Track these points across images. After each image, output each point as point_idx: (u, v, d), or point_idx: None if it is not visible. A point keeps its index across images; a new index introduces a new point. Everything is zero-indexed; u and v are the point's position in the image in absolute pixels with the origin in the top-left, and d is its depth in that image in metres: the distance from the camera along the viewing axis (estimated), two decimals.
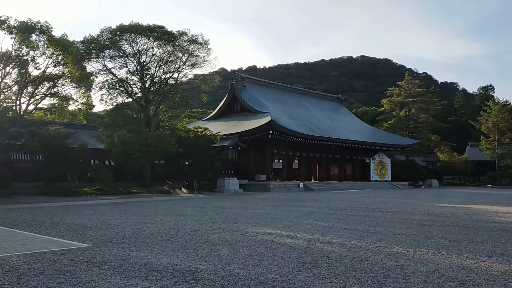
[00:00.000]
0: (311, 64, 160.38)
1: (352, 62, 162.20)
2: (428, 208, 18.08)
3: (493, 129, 61.28)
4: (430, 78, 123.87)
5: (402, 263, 6.73)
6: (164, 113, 35.23)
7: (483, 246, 8.39)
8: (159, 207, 18.10)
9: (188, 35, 32.76)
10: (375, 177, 48.29)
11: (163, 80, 34.13)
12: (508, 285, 5.41)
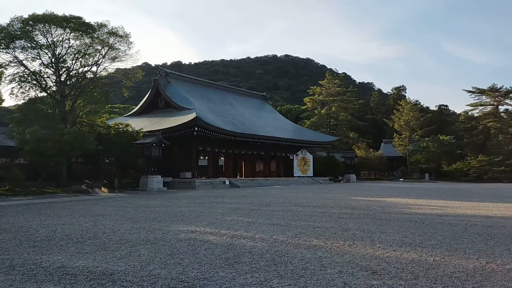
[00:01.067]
0: (237, 62, 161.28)
1: (277, 60, 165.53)
2: (346, 202, 18.99)
3: (404, 127, 65.93)
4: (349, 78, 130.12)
5: (320, 255, 6.99)
6: (82, 108, 33.41)
7: (394, 237, 8.97)
8: (76, 207, 17.19)
9: (108, 27, 31.36)
10: (298, 173, 49.76)
11: (80, 73, 32.34)
12: (415, 272, 5.83)
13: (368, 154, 63.95)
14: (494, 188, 35.58)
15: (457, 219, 12.37)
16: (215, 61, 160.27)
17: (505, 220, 12.15)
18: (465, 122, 69.33)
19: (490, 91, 65.82)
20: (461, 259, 6.68)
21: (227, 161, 46.02)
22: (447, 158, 62.53)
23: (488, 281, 5.34)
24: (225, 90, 54.24)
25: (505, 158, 58.27)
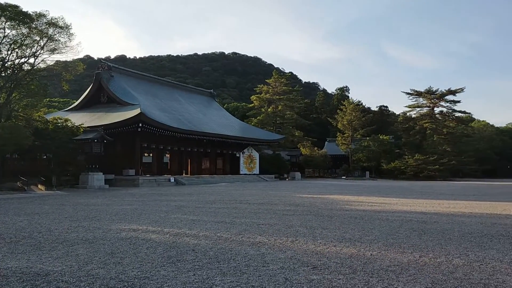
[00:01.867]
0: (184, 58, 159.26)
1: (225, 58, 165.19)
2: (290, 199, 19.31)
3: (347, 126, 68.09)
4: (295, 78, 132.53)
5: (264, 252, 7.06)
6: (18, 101, 31.52)
7: (334, 232, 9.24)
8: (10, 205, 16.23)
9: (47, 18, 29.78)
10: (244, 171, 49.98)
11: (16, 65, 30.53)
12: (353, 266, 6.03)
13: (313, 152, 65.41)
14: (429, 186, 37.58)
15: (394, 215, 12.95)
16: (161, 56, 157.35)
17: (438, 216, 12.87)
18: (404, 123, 72.60)
19: (427, 93, 69.36)
20: (396, 253, 7.00)
21: (172, 158, 45.31)
22: (387, 157, 65.21)
23: (420, 274, 5.63)
24: (171, 86, 53.32)
25: (439, 157, 61.68)
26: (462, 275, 5.56)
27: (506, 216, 12.87)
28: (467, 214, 13.31)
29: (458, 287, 5.02)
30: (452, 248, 7.53)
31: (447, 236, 8.89)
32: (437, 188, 32.69)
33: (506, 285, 5.12)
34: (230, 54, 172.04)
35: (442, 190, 29.44)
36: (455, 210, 14.59)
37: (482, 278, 5.43)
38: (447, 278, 5.42)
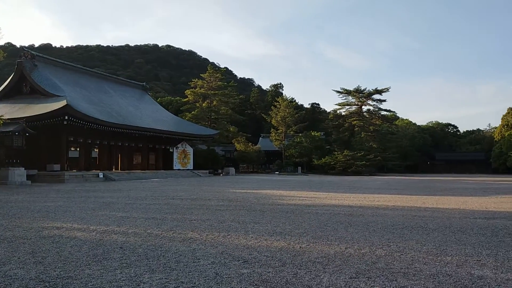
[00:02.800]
0: (115, 49, 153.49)
1: (158, 50, 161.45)
2: (224, 194, 19.33)
3: (281, 123, 69.39)
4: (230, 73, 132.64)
5: (195, 247, 6.99)
6: None
7: (266, 226, 9.37)
8: None
9: None
10: (178, 166, 49.27)
11: None
12: (283, 259, 6.15)
13: (247, 148, 65.99)
14: (357, 181, 39.33)
15: (324, 209, 13.39)
16: (90, 46, 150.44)
17: (363, 209, 13.49)
18: (334, 120, 75.33)
19: (355, 92, 72.48)
20: (324, 246, 7.24)
21: (101, 153, 43.56)
22: (318, 153, 67.34)
23: (345, 265, 5.86)
24: (101, 78, 51.15)
25: (366, 153, 64.77)
26: (384, 265, 5.86)
27: (425, 208, 13.78)
28: (390, 207, 14.08)
29: (380, 276, 5.29)
30: (375, 239, 7.92)
31: (371, 228, 9.34)
32: (364, 183, 34.27)
33: (423, 273, 5.47)
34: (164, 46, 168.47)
35: (368, 185, 30.91)
36: (380, 204, 15.37)
37: (402, 267, 5.76)
38: (370, 268, 5.70)
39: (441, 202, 16.07)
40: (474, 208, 14.04)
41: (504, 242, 7.71)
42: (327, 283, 4.96)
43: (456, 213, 12.53)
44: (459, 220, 10.76)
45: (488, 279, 5.20)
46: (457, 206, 14.71)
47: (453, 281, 5.08)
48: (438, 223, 10.16)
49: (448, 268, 5.75)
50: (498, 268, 5.77)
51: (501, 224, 10.07)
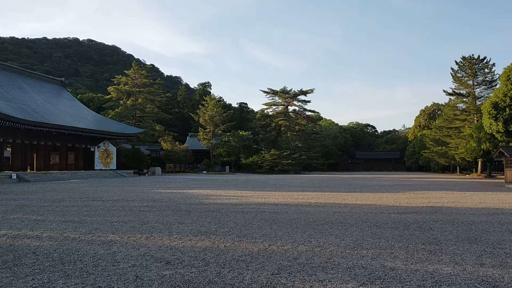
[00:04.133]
0: (31, 41, 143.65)
1: (79, 44, 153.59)
2: (148, 195, 18.83)
3: (209, 122, 69.05)
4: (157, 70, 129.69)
5: (115, 250, 6.73)
6: None
7: (191, 226, 9.26)
8: None
9: None
10: (99, 166, 47.22)
11: None
12: (206, 259, 6.11)
13: (174, 147, 64.86)
14: (282, 179, 40.25)
15: (249, 207, 13.53)
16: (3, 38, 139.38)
17: (287, 206, 13.82)
18: (261, 120, 76.37)
19: (282, 92, 74.06)
20: (248, 243, 7.30)
21: (15, 153, 40.50)
22: (246, 152, 67.93)
23: (268, 261, 5.96)
24: (14, 72, 47.52)
25: (292, 152, 66.46)
26: (305, 260, 6.04)
27: (345, 205, 14.43)
28: (313, 204, 14.56)
29: (301, 271, 5.44)
30: (298, 235, 8.15)
31: (295, 225, 9.59)
32: (289, 181, 35.15)
33: (341, 267, 5.71)
34: (85, 41, 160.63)
35: (293, 183, 31.75)
36: (303, 201, 15.85)
37: (322, 261, 5.98)
38: (291, 263, 5.84)
39: (360, 199, 16.93)
40: (389, 204, 14.96)
41: (414, 235, 8.28)
42: (249, 281, 5.01)
43: (373, 208, 13.26)
44: (375, 215, 11.39)
45: (399, 270, 5.55)
46: (374, 202, 15.58)
47: (367, 273, 5.36)
48: (356, 219, 10.68)
49: (363, 261, 6.06)
50: (408, 259, 6.18)
51: (412, 218, 10.81)
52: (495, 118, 30.75)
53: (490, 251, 6.76)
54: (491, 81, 54.61)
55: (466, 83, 57.01)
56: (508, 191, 22.62)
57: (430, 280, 5.09)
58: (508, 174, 28.38)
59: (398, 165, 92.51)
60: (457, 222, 10.11)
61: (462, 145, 50.48)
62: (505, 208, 13.63)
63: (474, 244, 7.34)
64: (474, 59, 55.83)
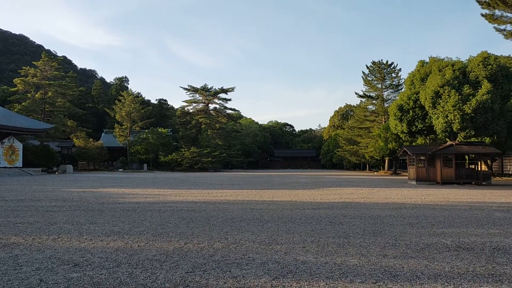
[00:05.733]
0: None
1: None
2: (57, 194, 17.73)
3: (126, 118, 66.66)
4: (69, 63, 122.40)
5: (17, 253, 6.26)
6: None
7: (103, 227, 8.89)
8: None
9: None
10: (3, 164, 43.53)
11: None
12: (118, 260, 5.91)
13: (88, 144, 61.71)
14: (202, 177, 40.05)
15: (167, 205, 13.30)
16: None
17: (206, 204, 13.79)
18: (181, 117, 75.37)
19: (202, 90, 73.71)
20: (163, 242, 7.18)
21: None
22: (165, 150, 66.57)
23: (183, 260, 5.91)
24: None
25: (212, 150, 66.41)
26: (220, 257, 6.08)
27: (262, 202, 14.73)
28: (231, 202, 14.68)
29: (216, 268, 5.47)
30: (214, 233, 8.17)
31: (212, 222, 9.61)
32: (208, 179, 35.08)
33: (255, 262, 5.83)
34: None
35: (212, 181, 31.74)
36: (222, 198, 15.91)
37: (237, 258, 6.05)
38: (207, 261, 5.85)
39: (277, 195, 17.39)
40: (304, 200, 15.54)
41: (325, 230, 8.68)
42: (162, 280, 4.93)
43: (289, 204, 13.69)
44: (291, 211, 11.77)
45: (310, 263, 5.80)
46: (290, 198, 16.09)
47: (280, 268, 5.53)
48: (272, 215, 10.95)
49: (277, 255, 6.24)
50: (319, 253, 6.48)
51: (324, 214, 11.33)
52: (400, 119, 33.16)
53: (393, 243, 7.29)
54: (397, 85, 58.90)
55: (375, 86, 60.91)
56: (411, 187, 24.56)
57: (338, 271, 5.37)
58: (410, 172, 30.78)
59: (314, 163, 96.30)
60: (364, 217, 10.77)
61: (371, 144, 53.81)
62: (407, 203, 14.78)
63: (378, 237, 7.87)
64: (383, 64, 59.82)
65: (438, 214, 11.37)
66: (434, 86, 28.59)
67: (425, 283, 4.90)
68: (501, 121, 27.70)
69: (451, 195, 18.57)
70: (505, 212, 11.95)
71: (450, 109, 27.23)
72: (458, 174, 28.39)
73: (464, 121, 27.03)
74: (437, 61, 31.38)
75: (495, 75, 27.70)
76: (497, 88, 27.32)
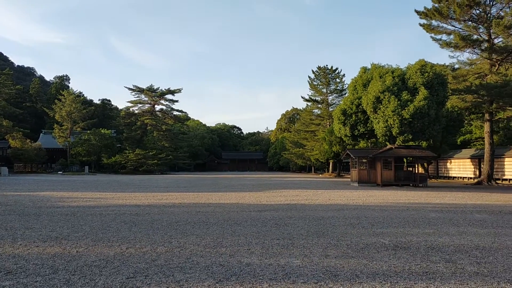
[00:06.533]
0: None
1: None
2: None
3: (66, 118, 63.91)
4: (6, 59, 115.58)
5: None
6: None
7: (40, 232, 8.47)
8: None
9: None
10: None
11: None
12: (55, 266, 5.65)
13: (25, 145, 58.51)
14: (147, 179, 39.16)
15: (109, 209, 12.88)
16: None
17: (150, 207, 13.51)
18: (126, 118, 73.27)
19: (148, 90, 72.13)
20: (104, 248, 6.94)
21: None
22: (108, 151, 64.45)
23: (124, 265, 5.74)
24: None
25: (158, 152, 65.12)
26: (163, 262, 5.97)
27: (209, 204, 14.64)
28: (177, 205, 14.47)
29: (158, 273, 5.36)
30: (158, 237, 8.01)
31: (156, 226, 9.42)
32: (154, 182, 34.37)
33: (199, 266, 5.78)
34: None
35: (158, 183, 31.14)
36: (167, 202, 15.65)
37: (180, 262, 5.97)
38: (149, 266, 5.72)
39: (223, 198, 17.35)
40: (250, 202, 15.62)
41: (270, 231, 8.77)
42: (102, 286, 4.76)
43: (235, 207, 13.71)
44: (237, 214, 11.79)
45: (254, 265, 5.83)
46: (237, 201, 16.11)
47: (224, 270, 5.52)
48: (218, 218, 10.91)
49: (222, 258, 6.22)
50: (264, 254, 6.53)
51: (270, 216, 11.45)
52: (343, 123, 34.20)
53: (335, 243, 7.50)
54: (342, 89, 60.73)
55: (321, 91, 62.46)
56: (353, 189, 25.38)
57: (281, 273, 5.44)
58: (353, 174, 31.83)
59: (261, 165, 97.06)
60: (308, 218, 10.99)
61: (316, 147, 55.07)
62: (350, 204, 15.26)
63: (321, 238, 8.06)
64: (328, 69, 61.48)
65: (378, 215, 11.83)
66: (375, 92, 29.75)
67: (364, 282, 5.07)
68: (436, 126, 29.29)
69: (390, 196, 19.39)
70: (439, 213, 12.64)
71: (390, 114, 28.43)
72: (397, 176, 29.69)
73: (403, 126, 28.32)
74: (378, 68, 32.69)
75: (431, 82, 29.25)
76: (433, 95, 28.86)
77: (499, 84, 29.75)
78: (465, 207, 14.44)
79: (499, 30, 29.73)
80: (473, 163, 40.44)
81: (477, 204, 15.42)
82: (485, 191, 24.46)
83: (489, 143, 32.69)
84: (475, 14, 31.93)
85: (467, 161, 41.40)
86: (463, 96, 33.40)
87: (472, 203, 15.84)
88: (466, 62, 36.09)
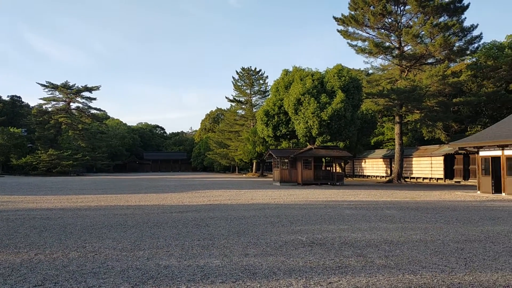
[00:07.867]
0: None
1: None
2: None
3: None
4: None
5: None
6: None
7: None
8: None
9: None
10: None
11: None
12: None
13: None
14: (61, 181, 36.97)
15: (17, 213, 12.00)
16: None
17: (63, 211, 12.77)
18: (38, 116, 68.55)
19: (63, 87, 68.07)
20: (10, 255, 6.46)
21: None
22: (18, 152, 60.00)
23: (32, 272, 5.37)
24: None
25: (74, 152, 61.77)
26: (76, 267, 5.67)
27: (127, 206, 14.17)
28: (93, 207, 13.83)
29: (69, 279, 5.08)
30: (71, 242, 7.60)
31: (69, 230, 8.93)
32: (69, 184, 32.55)
33: (114, 270, 5.56)
34: None
35: (73, 185, 29.55)
36: (82, 204, 14.90)
37: (94, 267, 5.71)
38: (59, 272, 5.40)
39: (144, 200, 16.89)
40: (172, 203, 15.37)
41: (191, 232, 8.69)
42: None
43: (156, 208, 13.40)
44: (157, 216, 11.53)
45: (172, 267, 5.74)
46: (158, 202, 15.77)
47: (141, 274, 5.37)
48: (137, 220, 10.60)
49: (139, 262, 6.05)
50: (183, 256, 6.45)
51: (192, 216, 11.34)
52: (266, 124, 34.88)
53: (255, 242, 7.61)
54: (265, 91, 61.86)
55: (244, 92, 63.13)
56: (275, 188, 25.96)
57: (200, 274, 5.41)
58: (275, 173, 32.56)
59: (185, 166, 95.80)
60: (230, 218, 11.06)
61: (240, 148, 55.55)
62: (271, 203, 15.59)
63: (242, 237, 8.14)
64: (252, 71, 62.29)
65: (297, 213, 12.21)
66: (296, 94, 30.68)
67: (280, 279, 5.20)
68: (352, 128, 30.88)
69: (309, 195, 20.10)
70: (353, 210, 13.33)
71: (309, 115, 29.48)
72: (316, 176, 30.86)
73: (322, 127, 29.51)
74: (299, 71, 33.76)
75: (347, 86, 30.79)
76: (349, 98, 30.40)
77: (408, 89, 32.05)
78: (376, 204, 15.38)
79: (408, 39, 32.06)
80: (385, 162, 43.24)
81: (387, 201, 16.50)
82: (395, 188, 26.26)
83: (399, 143, 35.12)
84: (388, 22, 34.17)
85: (380, 161, 44.19)
86: (376, 99, 35.58)
87: (383, 200, 16.92)
88: (379, 67, 38.55)
